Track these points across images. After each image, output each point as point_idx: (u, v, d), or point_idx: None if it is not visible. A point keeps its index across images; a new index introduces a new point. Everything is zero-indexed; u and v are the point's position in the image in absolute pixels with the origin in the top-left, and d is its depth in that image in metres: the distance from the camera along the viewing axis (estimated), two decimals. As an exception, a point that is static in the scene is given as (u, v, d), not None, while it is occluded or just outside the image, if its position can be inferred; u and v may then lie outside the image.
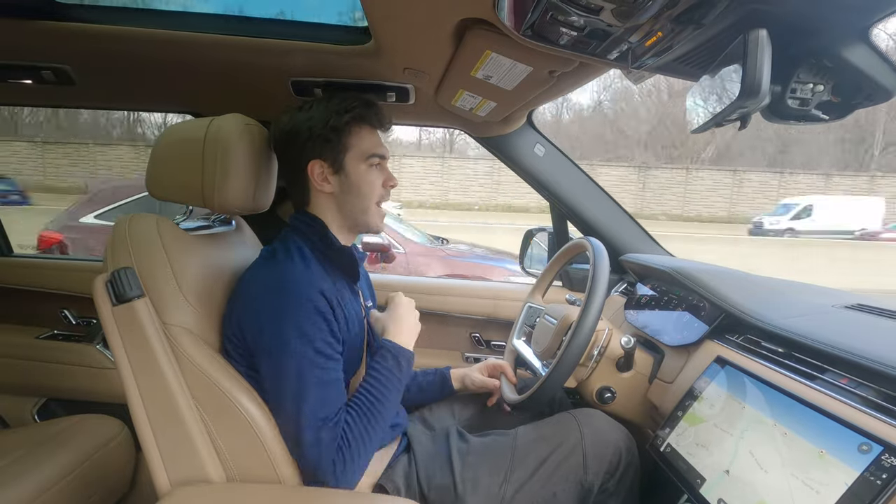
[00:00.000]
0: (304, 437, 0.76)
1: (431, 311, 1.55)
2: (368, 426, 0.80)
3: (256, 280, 0.85)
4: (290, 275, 0.81)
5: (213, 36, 1.03)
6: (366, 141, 0.89)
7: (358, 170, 0.89)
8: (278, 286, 0.80)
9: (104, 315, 0.76)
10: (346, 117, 0.86)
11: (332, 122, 0.86)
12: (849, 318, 0.85)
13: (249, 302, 0.83)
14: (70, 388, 1.54)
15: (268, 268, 0.85)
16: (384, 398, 0.83)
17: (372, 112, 0.89)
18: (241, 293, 0.85)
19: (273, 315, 0.79)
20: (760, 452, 0.67)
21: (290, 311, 0.78)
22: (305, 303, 0.78)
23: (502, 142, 1.39)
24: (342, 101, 0.88)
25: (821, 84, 0.58)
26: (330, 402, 0.78)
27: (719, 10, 0.54)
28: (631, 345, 0.95)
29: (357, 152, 0.88)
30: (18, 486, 0.96)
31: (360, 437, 0.79)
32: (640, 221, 1.45)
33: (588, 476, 0.86)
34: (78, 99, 1.36)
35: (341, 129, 0.87)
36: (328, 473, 0.77)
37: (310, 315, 0.78)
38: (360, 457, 0.80)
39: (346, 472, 0.78)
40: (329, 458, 0.77)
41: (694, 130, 0.67)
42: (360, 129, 0.89)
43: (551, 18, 0.64)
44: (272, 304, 0.79)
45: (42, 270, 1.63)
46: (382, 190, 0.92)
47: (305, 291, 0.79)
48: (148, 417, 0.78)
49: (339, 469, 0.78)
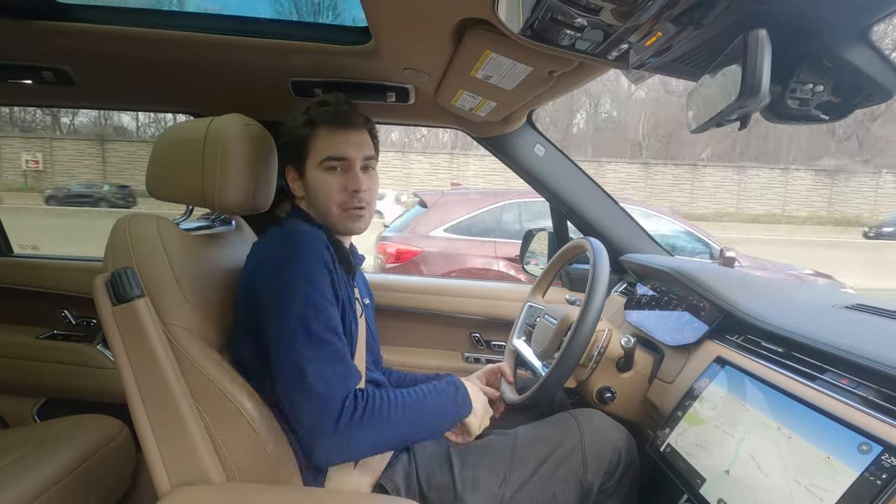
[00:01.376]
0: (309, 374, 0.72)
1: (431, 311, 1.55)
2: (399, 412, 0.78)
3: (267, 242, 0.87)
4: (300, 232, 0.83)
5: (213, 36, 1.03)
6: (322, 143, 0.87)
7: (315, 175, 0.88)
8: (290, 241, 0.82)
9: (104, 315, 0.76)
10: (302, 120, 0.87)
11: (295, 127, 0.87)
12: (849, 318, 0.85)
13: (261, 260, 0.84)
14: (70, 388, 1.54)
15: (279, 230, 0.87)
16: (429, 402, 0.83)
17: (325, 111, 0.87)
18: (251, 259, 0.87)
19: (283, 262, 0.79)
20: (762, 455, 0.67)
21: (300, 258, 0.79)
22: (315, 257, 0.79)
23: (502, 142, 1.39)
24: (310, 105, 0.88)
25: (821, 84, 0.58)
26: (338, 352, 0.77)
27: (719, 10, 0.54)
28: (631, 345, 0.95)
29: (314, 157, 0.88)
30: (18, 486, 0.96)
31: (386, 411, 0.76)
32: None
33: (588, 476, 0.86)
34: (78, 99, 1.36)
35: (301, 133, 0.87)
36: (331, 418, 0.72)
37: (318, 267, 0.79)
38: (371, 428, 0.75)
39: (350, 428, 0.72)
40: (340, 396, 0.73)
41: (694, 130, 0.67)
42: (318, 130, 0.87)
43: (551, 18, 0.64)
44: (283, 254, 0.80)
45: (42, 270, 1.63)
46: (344, 195, 0.87)
47: (316, 246, 0.80)
48: (148, 417, 0.78)
49: (346, 419, 0.72)
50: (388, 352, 1.21)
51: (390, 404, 0.78)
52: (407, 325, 1.59)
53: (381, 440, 0.78)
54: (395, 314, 1.56)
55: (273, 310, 0.77)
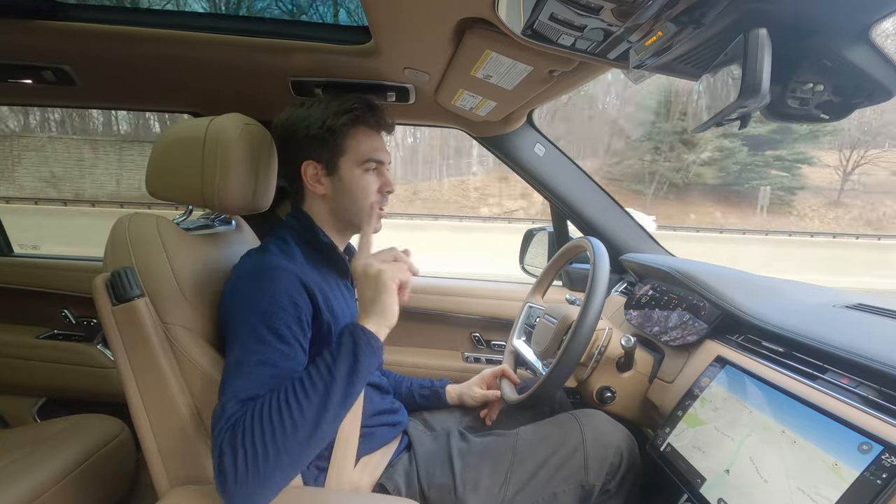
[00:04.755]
0: (216, 410, 0.65)
1: (431, 311, 1.55)
2: (277, 421, 0.62)
3: (237, 269, 0.84)
4: (267, 261, 0.79)
5: (213, 36, 1.03)
6: (363, 144, 0.87)
7: (353, 174, 0.87)
8: (255, 271, 0.79)
9: (104, 315, 0.76)
10: (343, 119, 0.85)
11: (329, 122, 0.85)
12: (849, 318, 0.85)
13: (228, 290, 0.82)
14: (70, 388, 1.54)
15: (250, 257, 0.85)
16: (313, 392, 0.65)
17: (372, 114, 0.87)
18: (230, 281, 0.84)
19: (244, 296, 0.76)
20: (762, 457, 0.66)
21: (260, 291, 0.74)
22: (275, 288, 0.74)
23: (502, 141, 1.39)
24: (342, 102, 0.86)
25: (821, 83, 0.58)
26: (262, 382, 0.67)
27: (719, 10, 0.54)
28: (631, 344, 0.95)
29: (353, 156, 0.87)
30: (18, 486, 0.96)
31: (260, 430, 0.61)
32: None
33: (589, 477, 0.86)
34: (78, 99, 1.36)
35: (338, 130, 0.85)
36: (215, 466, 0.62)
37: (277, 298, 0.73)
38: (252, 460, 0.60)
39: (227, 471, 0.60)
40: (218, 440, 0.62)
41: (694, 130, 0.67)
42: (357, 131, 0.87)
43: (551, 18, 0.64)
44: (245, 287, 0.78)
45: (42, 270, 1.63)
46: (378, 195, 0.89)
47: (279, 275, 0.76)
48: (148, 417, 0.78)
49: (225, 462, 0.60)
50: (388, 352, 1.21)
51: (276, 414, 0.63)
52: (407, 325, 1.58)
53: (274, 457, 0.61)
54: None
55: (230, 336, 0.75)
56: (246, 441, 0.61)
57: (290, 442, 0.62)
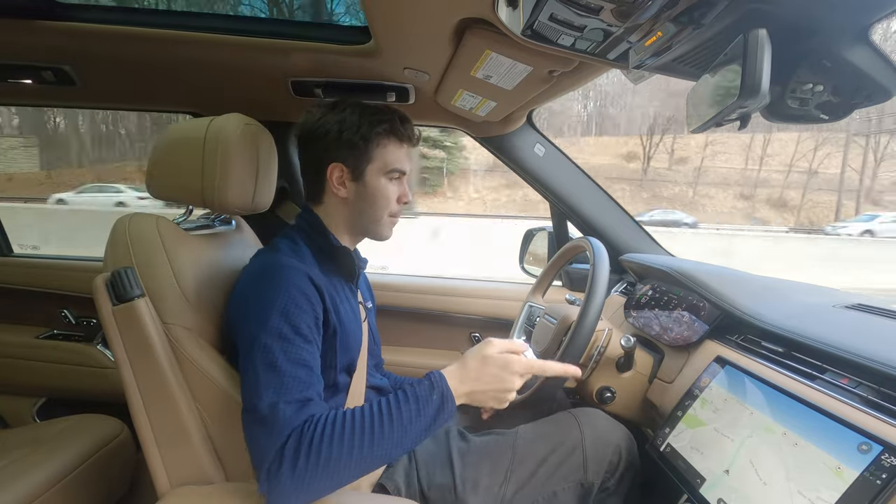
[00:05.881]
0: (260, 407, 0.66)
1: (431, 311, 1.55)
2: (358, 439, 0.64)
3: (249, 268, 0.85)
4: (278, 261, 0.80)
5: (213, 36, 1.03)
6: (391, 155, 0.88)
7: (377, 182, 0.88)
8: (266, 271, 0.79)
9: (104, 315, 0.76)
10: (378, 128, 0.86)
11: (364, 130, 0.85)
12: (849, 318, 0.85)
13: (239, 290, 0.83)
14: (70, 388, 1.54)
15: (260, 257, 0.85)
16: (389, 424, 0.67)
17: (404, 127, 0.89)
18: (235, 285, 0.85)
19: (257, 297, 0.76)
20: (762, 457, 0.66)
21: (275, 292, 0.75)
22: (290, 286, 0.76)
23: (502, 141, 1.39)
24: (377, 112, 0.87)
25: (821, 84, 0.58)
26: (300, 381, 0.69)
27: (719, 10, 0.54)
28: (631, 344, 0.95)
29: (380, 164, 0.87)
30: (18, 486, 0.96)
31: (334, 444, 0.64)
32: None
33: (588, 476, 0.86)
34: (78, 99, 1.36)
35: (370, 138, 0.86)
36: (273, 459, 0.63)
37: (294, 297, 0.75)
38: (320, 467, 0.63)
39: (296, 470, 0.62)
40: (285, 434, 0.64)
41: (694, 130, 0.67)
42: (388, 142, 0.88)
43: (551, 18, 0.64)
44: (258, 287, 0.78)
45: (42, 270, 1.63)
46: (397, 205, 0.91)
47: (292, 275, 0.77)
48: (148, 417, 0.78)
49: (290, 460, 0.62)
50: (388, 352, 1.21)
51: (342, 437, 0.65)
52: (407, 325, 1.59)
53: (336, 473, 0.65)
54: (395, 314, 1.56)
55: (245, 338, 0.74)
56: (315, 447, 0.63)
57: (357, 461, 0.65)
